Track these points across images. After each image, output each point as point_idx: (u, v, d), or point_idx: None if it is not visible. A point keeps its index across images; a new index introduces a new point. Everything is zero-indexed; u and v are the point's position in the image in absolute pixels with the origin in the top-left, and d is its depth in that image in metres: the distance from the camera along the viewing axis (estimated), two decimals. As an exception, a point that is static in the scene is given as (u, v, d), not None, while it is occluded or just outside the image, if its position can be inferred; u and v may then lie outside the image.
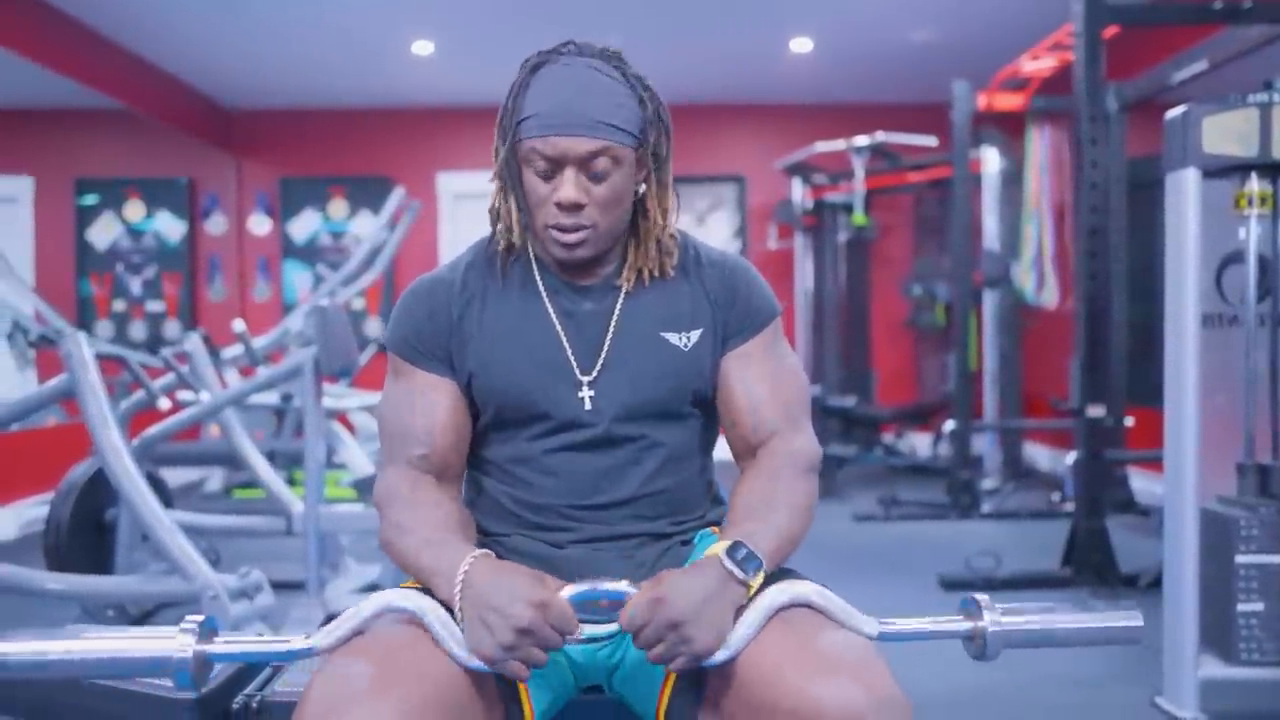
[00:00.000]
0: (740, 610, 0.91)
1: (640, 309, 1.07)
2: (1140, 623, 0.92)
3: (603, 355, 1.06)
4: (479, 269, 1.10)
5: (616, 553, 1.06)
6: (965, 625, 0.91)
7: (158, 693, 1.10)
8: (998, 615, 0.90)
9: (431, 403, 1.06)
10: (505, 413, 1.07)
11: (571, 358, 1.06)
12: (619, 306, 1.07)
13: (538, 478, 1.07)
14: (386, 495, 1.05)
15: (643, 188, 1.06)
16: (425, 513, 1.01)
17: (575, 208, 1.00)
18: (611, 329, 1.06)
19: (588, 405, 1.05)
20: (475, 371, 1.06)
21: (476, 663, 0.88)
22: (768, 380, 1.08)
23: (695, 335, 1.07)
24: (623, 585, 0.91)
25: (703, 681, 0.93)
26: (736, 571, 0.90)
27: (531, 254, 1.09)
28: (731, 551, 0.91)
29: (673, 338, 1.06)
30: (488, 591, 0.87)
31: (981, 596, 0.92)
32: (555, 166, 1.00)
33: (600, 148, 0.99)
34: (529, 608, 0.85)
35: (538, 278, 1.08)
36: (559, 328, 1.06)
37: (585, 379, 1.05)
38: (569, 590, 0.90)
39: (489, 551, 0.95)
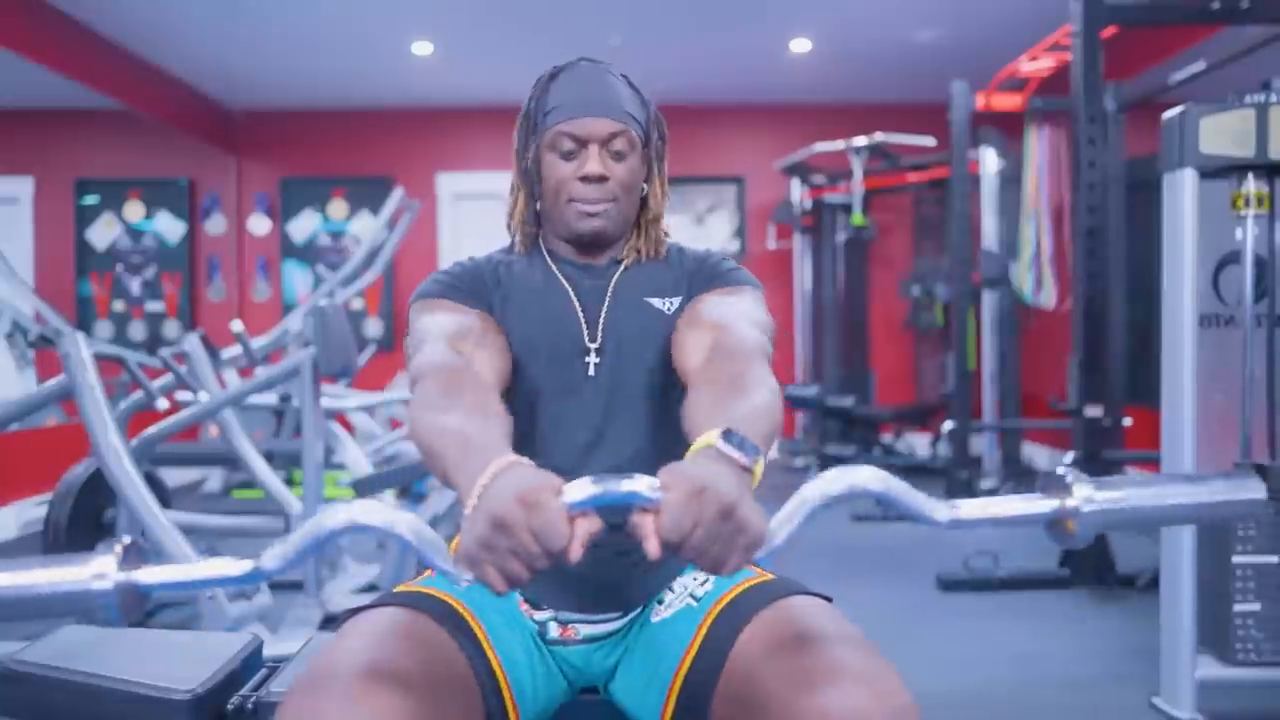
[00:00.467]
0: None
1: (631, 281, 1.16)
2: (1263, 494, 0.77)
3: (602, 323, 1.13)
4: (500, 259, 1.19)
5: (613, 547, 1.05)
6: (1049, 505, 0.77)
7: (155, 693, 1.10)
8: (1090, 491, 0.76)
9: (471, 321, 1.08)
10: (518, 376, 1.11)
11: (581, 322, 1.13)
12: (615, 279, 1.16)
13: (535, 444, 1.09)
14: (429, 366, 0.97)
15: (645, 187, 1.17)
16: (471, 398, 0.90)
17: (601, 179, 1.10)
18: (608, 298, 1.15)
19: (591, 371, 1.11)
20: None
21: (466, 575, 0.75)
22: (724, 305, 1.09)
23: (675, 302, 1.15)
24: (639, 485, 0.74)
25: (709, 693, 0.93)
26: (739, 456, 0.78)
27: (545, 250, 1.18)
28: (726, 437, 0.79)
29: (656, 302, 1.15)
30: (490, 488, 0.76)
31: (1066, 469, 0.77)
32: (580, 145, 1.11)
33: (620, 129, 1.11)
34: (512, 501, 0.72)
35: (552, 264, 1.17)
36: (573, 300, 1.14)
37: (592, 345, 1.12)
38: (572, 493, 0.74)
39: (524, 459, 0.81)
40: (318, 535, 0.75)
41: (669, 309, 1.14)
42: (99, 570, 0.70)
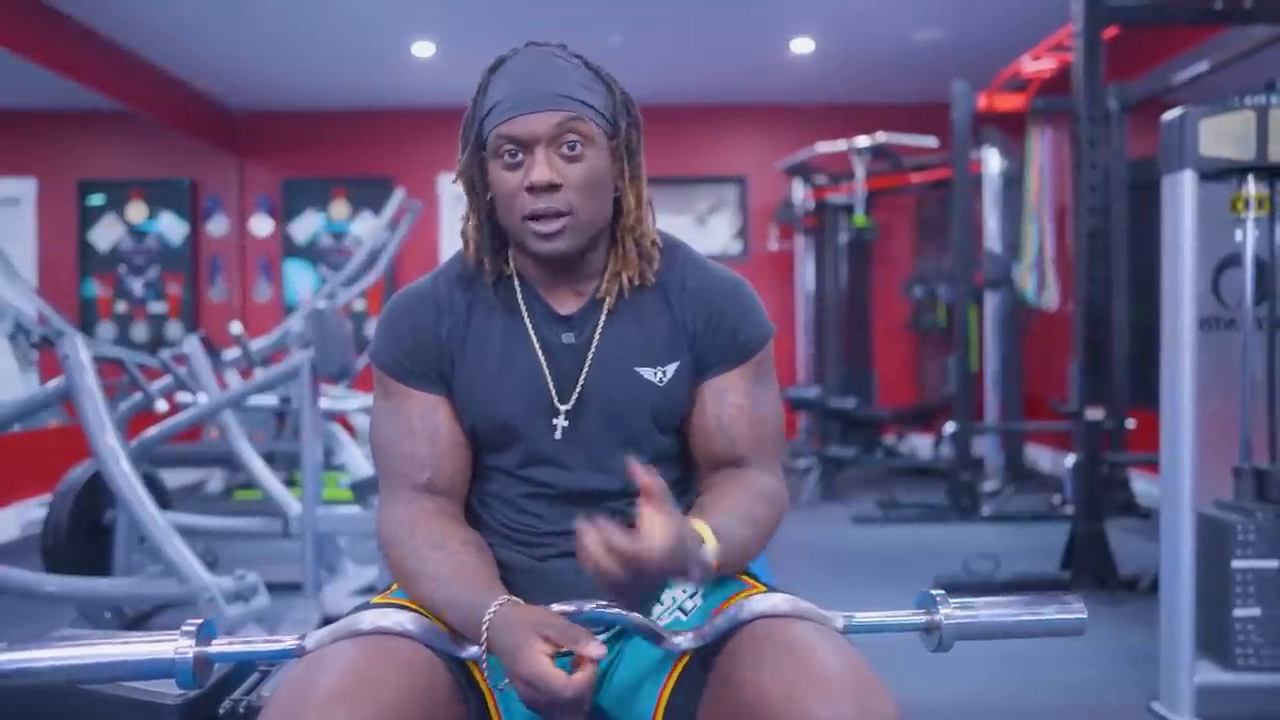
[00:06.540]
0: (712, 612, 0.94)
1: (617, 341, 1.03)
2: (1083, 615, 0.98)
3: (578, 389, 1.02)
4: (462, 285, 1.06)
5: None
6: (923, 618, 0.97)
7: (147, 698, 1.10)
8: (952, 609, 0.96)
9: (433, 425, 1.03)
10: (483, 437, 1.04)
11: (551, 389, 1.02)
12: (597, 338, 1.03)
13: (515, 500, 1.05)
14: (388, 538, 1.01)
15: (618, 187, 1.02)
16: (427, 556, 0.97)
17: (550, 189, 0.95)
18: (588, 363, 1.02)
19: (558, 434, 1.02)
20: (458, 394, 1.04)
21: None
22: (746, 413, 1.05)
23: (671, 370, 1.03)
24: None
25: (696, 704, 0.93)
26: (708, 562, 0.91)
27: (515, 273, 1.05)
28: (721, 553, 0.92)
29: (647, 373, 1.03)
30: (512, 658, 0.86)
31: (938, 592, 0.97)
32: (524, 149, 0.96)
33: (566, 119, 0.95)
34: (557, 687, 0.83)
35: (521, 303, 1.04)
36: (540, 358, 1.03)
37: (563, 407, 1.02)
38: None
39: (507, 598, 0.91)
40: (355, 627, 0.92)
41: (661, 379, 1.02)
42: (183, 646, 0.88)
